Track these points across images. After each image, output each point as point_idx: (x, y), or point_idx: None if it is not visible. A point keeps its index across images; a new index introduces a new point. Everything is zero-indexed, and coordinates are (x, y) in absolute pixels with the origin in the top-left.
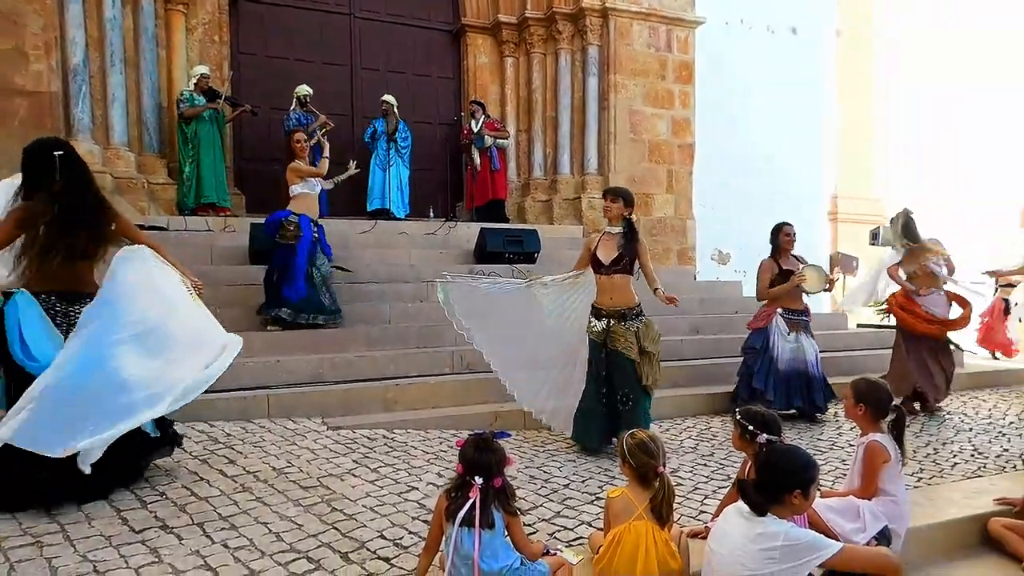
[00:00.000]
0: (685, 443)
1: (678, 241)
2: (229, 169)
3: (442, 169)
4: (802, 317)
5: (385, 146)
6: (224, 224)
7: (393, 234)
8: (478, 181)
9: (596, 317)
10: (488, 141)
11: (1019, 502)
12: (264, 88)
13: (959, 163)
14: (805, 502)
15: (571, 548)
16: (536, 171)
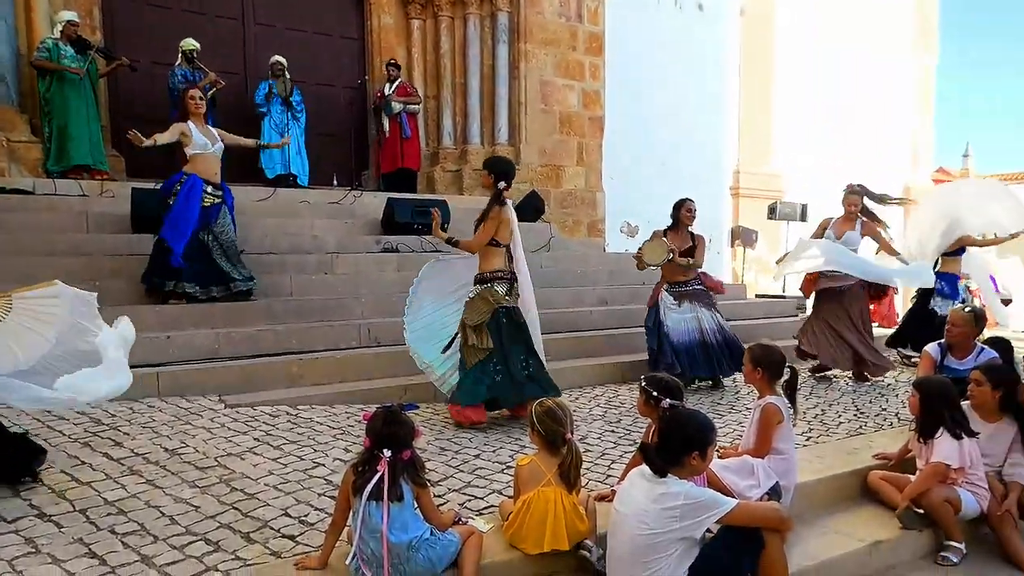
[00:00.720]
0: (594, 411)
1: (588, 213)
2: (106, 128)
3: (346, 135)
4: (689, 287)
5: (281, 110)
6: (101, 188)
7: (294, 202)
8: (386, 148)
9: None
10: (396, 107)
11: (894, 456)
12: (144, 40)
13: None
14: (703, 463)
15: (482, 516)
16: (446, 140)
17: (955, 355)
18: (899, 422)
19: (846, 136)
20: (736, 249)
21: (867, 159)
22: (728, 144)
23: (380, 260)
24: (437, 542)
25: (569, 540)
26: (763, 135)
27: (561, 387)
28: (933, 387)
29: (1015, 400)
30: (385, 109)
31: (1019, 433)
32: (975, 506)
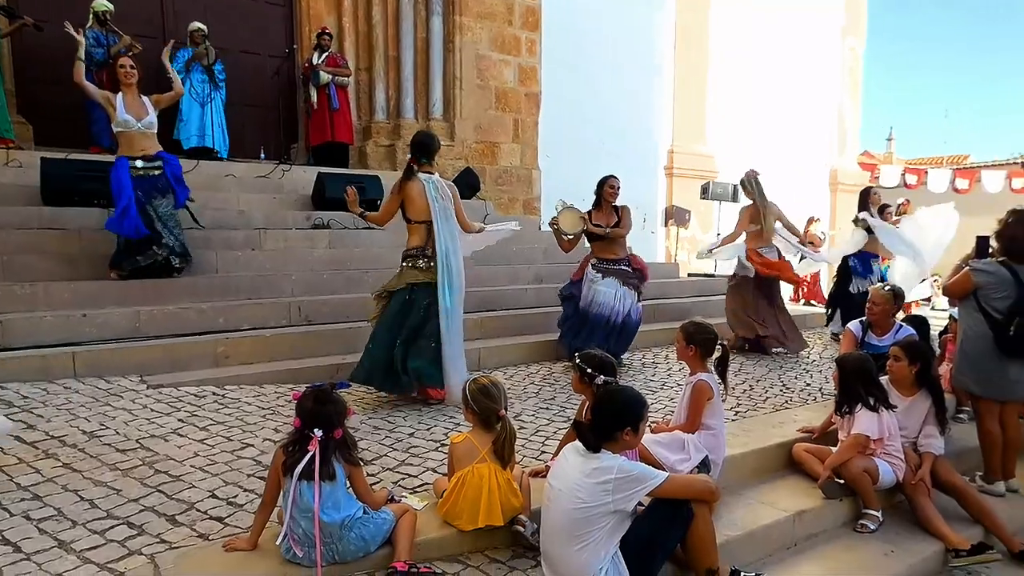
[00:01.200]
0: (528, 388)
1: (524, 191)
2: (10, 93)
3: (274, 106)
4: (617, 266)
5: (201, 79)
6: (7, 158)
7: (218, 176)
8: (315, 121)
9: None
10: (325, 78)
11: (817, 429)
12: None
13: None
14: (635, 438)
15: (416, 494)
16: (379, 114)
17: (875, 332)
18: (823, 397)
19: (777, 118)
20: (669, 228)
21: (797, 141)
22: (663, 124)
23: (311, 236)
24: (370, 520)
25: (504, 516)
26: (697, 116)
27: (496, 365)
28: (853, 363)
29: (930, 375)
30: (313, 80)
31: (933, 406)
32: (892, 476)
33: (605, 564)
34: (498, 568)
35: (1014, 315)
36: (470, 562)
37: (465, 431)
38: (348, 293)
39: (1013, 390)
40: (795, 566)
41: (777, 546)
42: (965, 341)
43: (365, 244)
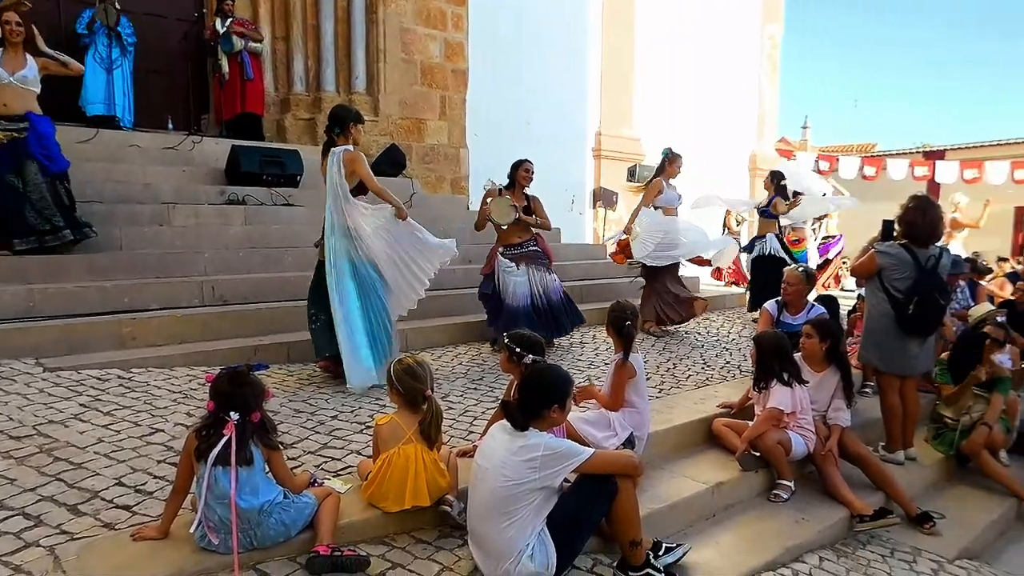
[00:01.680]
0: (456, 368)
1: (451, 170)
2: None
3: (182, 74)
4: (526, 249)
5: (106, 42)
6: None
7: (122, 146)
8: (227, 91)
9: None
10: (238, 44)
11: (736, 405)
12: None
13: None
14: (562, 415)
15: (339, 477)
16: (297, 85)
17: (790, 312)
18: (741, 373)
19: (700, 103)
20: (597, 210)
21: (719, 126)
22: (591, 106)
23: (224, 212)
24: (291, 505)
25: (430, 496)
26: (624, 99)
27: (424, 346)
28: (769, 341)
29: (839, 351)
30: (223, 46)
31: (841, 381)
32: (803, 447)
33: (532, 540)
34: (424, 548)
35: (913, 295)
36: (396, 543)
37: (391, 412)
38: (266, 272)
39: (912, 366)
40: (714, 535)
41: (697, 517)
42: (870, 320)
43: (284, 221)
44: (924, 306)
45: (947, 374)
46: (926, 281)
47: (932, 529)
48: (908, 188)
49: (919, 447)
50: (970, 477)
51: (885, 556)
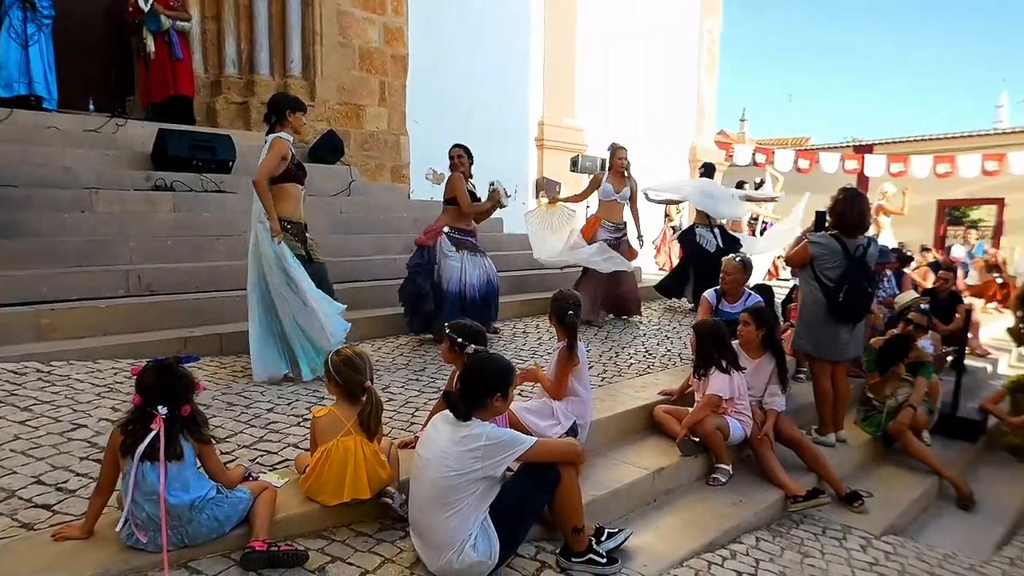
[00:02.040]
0: (397, 360)
1: (392, 157)
2: None
3: (105, 53)
4: (469, 238)
5: (21, 16)
6: None
7: (38, 128)
8: (154, 72)
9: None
10: (165, 23)
11: (676, 392)
12: None
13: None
14: (505, 403)
15: (276, 471)
16: (229, 68)
17: (728, 300)
18: (682, 361)
19: (642, 95)
20: (540, 200)
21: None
22: (533, 95)
23: (151, 199)
24: (224, 500)
25: (371, 488)
26: (566, 89)
27: (363, 337)
28: (707, 329)
29: (774, 338)
30: (149, 25)
31: (776, 367)
32: (740, 432)
33: (474, 530)
34: (365, 541)
35: (843, 283)
36: (335, 537)
37: (329, 404)
38: (197, 261)
39: (843, 351)
40: (655, 519)
41: (639, 502)
42: (803, 308)
43: (216, 209)
44: (853, 294)
45: (875, 362)
46: (855, 270)
47: (861, 507)
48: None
49: (849, 429)
50: (895, 457)
51: (817, 534)
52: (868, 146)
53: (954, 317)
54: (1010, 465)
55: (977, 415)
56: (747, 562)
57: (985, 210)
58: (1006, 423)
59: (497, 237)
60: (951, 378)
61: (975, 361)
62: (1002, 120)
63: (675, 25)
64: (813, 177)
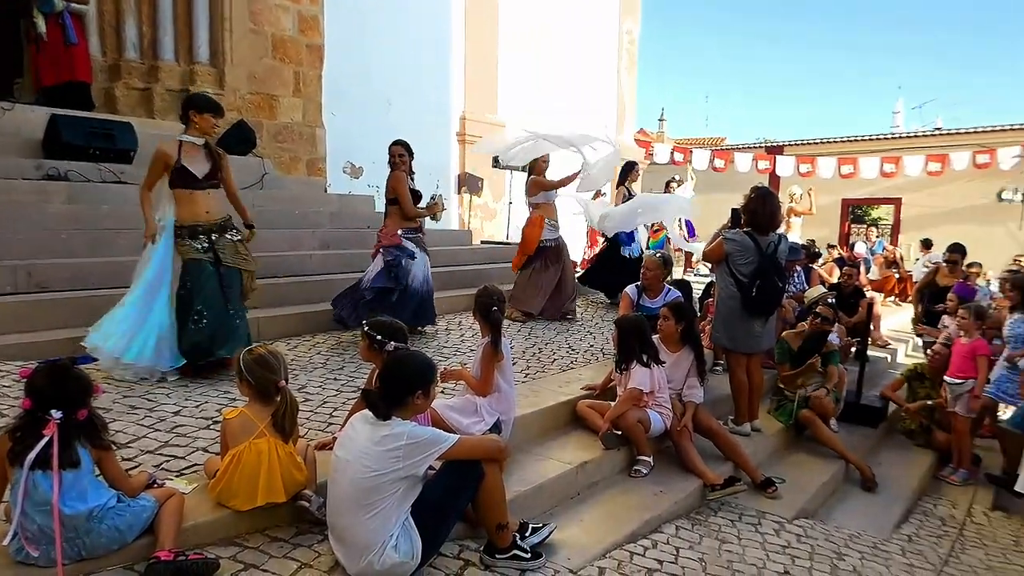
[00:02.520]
0: (314, 359)
1: (307, 150)
2: None
3: None
4: (419, 235)
5: None
6: None
7: None
8: (46, 55)
9: (191, 236)
10: (59, 4)
11: (599, 386)
12: None
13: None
14: (426, 401)
15: (184, 477)
16: (130, 52)
17: (648, 295)
18: (604, 356)
19: (564, 93)
20: (463, 195)
21: (582, 117)
22: (455, 90)
23: (43, 189)
24: (126, 509)
25: (286, 491)
26: (488, 84)
27: (278, 335)
28: (629, 324)
29: (693, 332)
30: (41, 7)
31: (695, 360)
32: (661, 424)
33: (396, 530)
34: (280, 546)
35: (756, 278)
36: (248, 543)
37: (240, 406)
38: (93, 256)
39: (757, 344)
40: (579, 513)
41: (563, 496)
42: (719, 302)
43: (116, 200)
44: (765, 289)
45: (786, 354)
46: (767, 265)
47: (774, 493)
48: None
49: (763, 419)
50: (806, 444)
51: (734, 521)
52: (779, 147)
53: (858, 310)
54: (907, 448)
55: (879, 402)
56: (668, 551)
57: (884, 209)
58: (903, 409)
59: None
60: (855, 368)
61: (876, 351)
62: (898, 125)
63: (595, 26)
64: (728, 176)
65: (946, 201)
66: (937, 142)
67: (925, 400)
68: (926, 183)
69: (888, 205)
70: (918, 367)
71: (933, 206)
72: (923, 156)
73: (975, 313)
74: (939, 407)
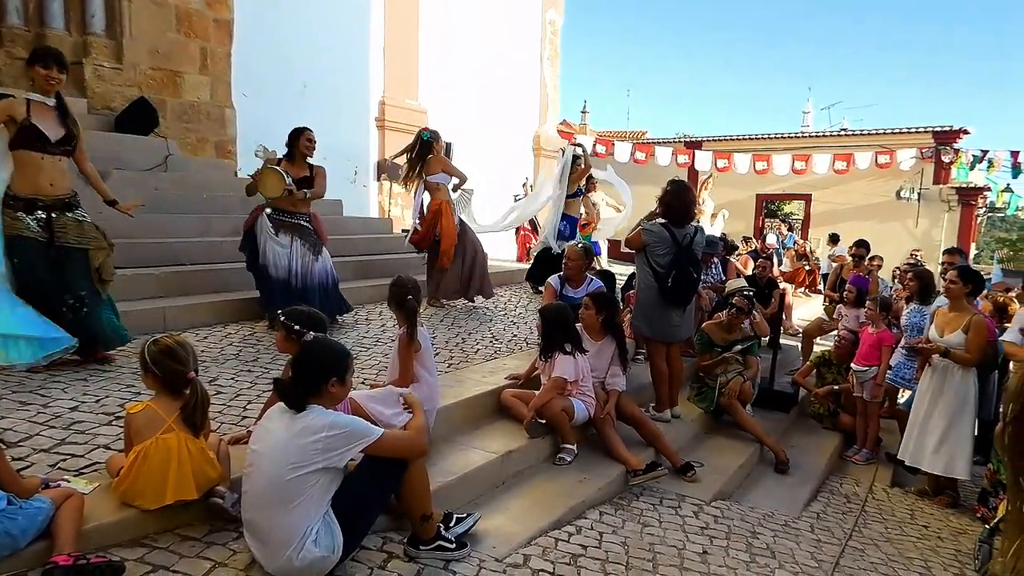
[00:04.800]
0: (227, 350)
1: (215, 132)
2: None
3: None
4: (296, 220)
5: None
6: None
7: None
8: None
9: (27, 210)
10: None
11: (523, 376)
12: None
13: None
14: (343, 389)
15: (83, 476)
16: (12, 16)
17: (571, 285)
18: (528, 346)
19: (487, 82)
20: (383, 183)
21: (505, 106)
22: (373, 74)
23: None
24: (18, 512)
25: (198, 488)
26: (409, 69)
27: (187, 326)
28: (552, 313)
29: (615, 322)
30: None
31: (617, 349)
32: (585, 412)
33: (316, 524)
34: (192, 546)
35: (672, 269)
36: (158, 544)
37: (146, 399)
38: None
39: (675, 333)
40: (504, 501)
41: (488, 486)
42: (639, 292)
43: None
44: (681, 279)
45: (706, 343)
46: (682, 257)
47: (693, 477)
48: (672, 173)
49: (683, 405)
50: (724, 429)
51: (655, 504)
52: (698, 142)
53: (771, 301)
54: (816, 431)
55: (791, 388)
56: (592, 536)
57: (796, 205)
58: (812, 393)
59: (337, 220)
60: (769, 355)
61: (788, 340)
62: (808, 125)
63: (518, 15)
64: (648, 169)
65: (851, 198)
66: (843, 142)
67: (832, 385)
68: (833, 180)
69: (799, 201)
70: (825, 354)
71: (840, 203)
72: (831, 155)
73: (880, 304)
74: (845, 391)
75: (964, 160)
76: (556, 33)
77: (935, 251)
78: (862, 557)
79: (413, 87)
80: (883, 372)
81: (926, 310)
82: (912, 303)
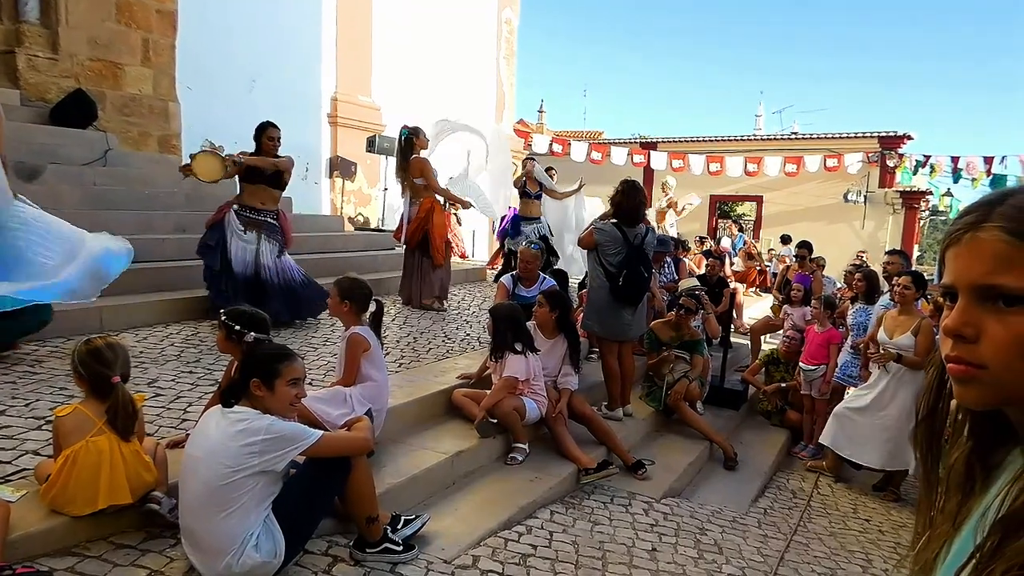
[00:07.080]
0: (167, 351)
1: (160, 126)
2: None
3: None
4: (263, 217)
5: None
6: None
7: None
8: None
9: None
10: None
11: (474, 375)
12: None
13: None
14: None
15: (9, 484)
16: None
17: (524, 285)
18: (480, 345)
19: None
20: (335, 180)
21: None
22: (325, 69)
23: None
24: None
25: (133, 493)
26: (362, 65)
27: (125, 326)
28: (504, 312)
29: (568, 320)
30: None
31: (569, 348)
32: (536, 411)
33: (255, 529)
34: (127, 554)
35: (623, 268)
36: (89, 552)
37: (75, 402)
38: None
39: (626, 331)
40: (454, 502)
41: (438, 486)
42: (591, 291)
43: None
44: (631, 278)
45: (655, 342)
46: (633, 256)
47: (644, 475)
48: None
49: (634, 404)
50: (675, 427)
51: (606, 503)
52: (653, 143)
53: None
54: (765, 428)
55: (740, 386)
56: (542, 535)
57: (748, 206)
58: (761, 391)
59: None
60: (719, 353)
61: (739, 338)
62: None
63: (474, 13)
64: (604, 169)
65: (801, 200)
66: (794, 145)
67: (780, 383)
68: (784, 183)
69: (751, 202)
70: (773, 352)
71: (791, 204)
72: (781, 158)
73: (825, 303)
74: (792, 389)
75: (908, 165)
76: (512, 32)
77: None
78: (806, 551)
79: (366, 83)
80: (831, 370)
81: (871, 309)
82: (858, 303)
